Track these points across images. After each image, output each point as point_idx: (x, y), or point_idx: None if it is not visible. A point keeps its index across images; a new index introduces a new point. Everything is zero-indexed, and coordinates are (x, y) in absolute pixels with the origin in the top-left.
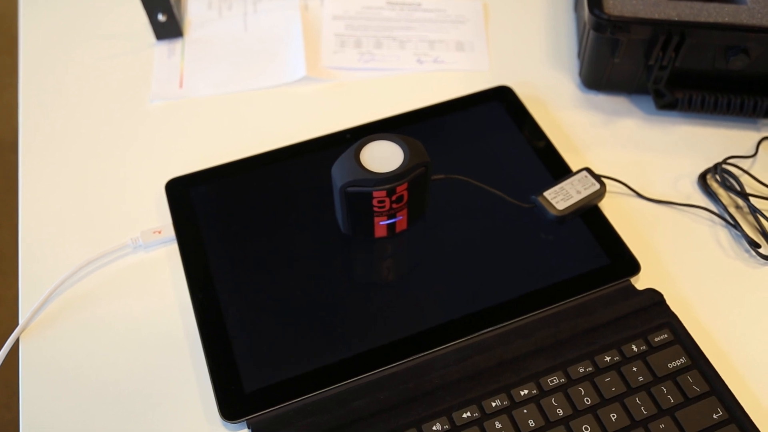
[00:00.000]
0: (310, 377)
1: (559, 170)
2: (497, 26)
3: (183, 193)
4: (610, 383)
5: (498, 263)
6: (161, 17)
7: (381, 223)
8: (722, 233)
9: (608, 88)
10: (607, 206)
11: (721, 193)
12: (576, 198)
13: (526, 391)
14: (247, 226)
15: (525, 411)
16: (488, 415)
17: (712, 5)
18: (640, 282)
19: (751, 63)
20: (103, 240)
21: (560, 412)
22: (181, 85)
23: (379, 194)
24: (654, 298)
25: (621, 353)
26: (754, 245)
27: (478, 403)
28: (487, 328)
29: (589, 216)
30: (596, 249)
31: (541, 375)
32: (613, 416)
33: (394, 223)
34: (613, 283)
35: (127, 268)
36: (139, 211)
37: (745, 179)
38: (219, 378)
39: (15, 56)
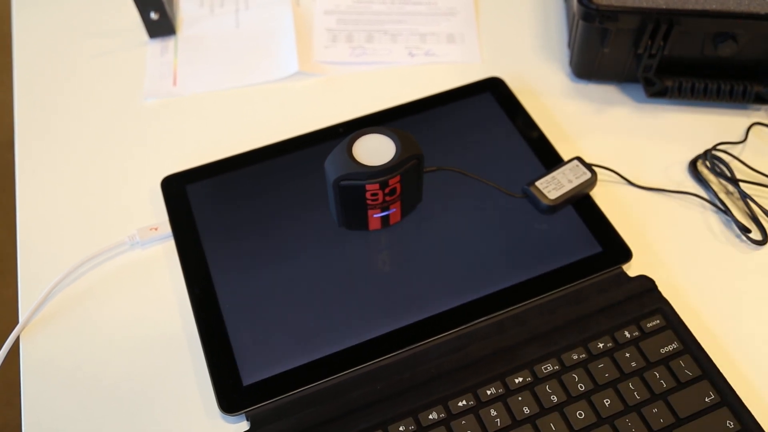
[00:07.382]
0: (307, 369)
1: (551, 160)
2: (487, 18)
3: (179, 189)
4: (603, 369)
5: (491, 253)
6: (154, 15)
7: (375, 215)
8: (713, 219)
9: (598, 77)
10: (598, 195)
11: (712, 179)
12: (568, 187)
13: (520, 379)
14: (242, 221)
15: (520, 398)
16: (483, 403)
17: None
18: (632, 269)
19: (740, 49)
20: (100, 237)
21: (554, 398)
22: (174, 83)
23: (372, 187)
24: (646, 284)
25: (614, 340)
26: (745, 230)
27: (473, 392)
28: (481, 317)
29: (580, 205)
30: (588, 237)
31: (535, 362)
32: (607, 402)
33: (387, 216)
34: (606, 271)
35: (124, 265)
36: (135, 209)
37: (735, 165)
38: (217, 371)
39: (9, 55)
